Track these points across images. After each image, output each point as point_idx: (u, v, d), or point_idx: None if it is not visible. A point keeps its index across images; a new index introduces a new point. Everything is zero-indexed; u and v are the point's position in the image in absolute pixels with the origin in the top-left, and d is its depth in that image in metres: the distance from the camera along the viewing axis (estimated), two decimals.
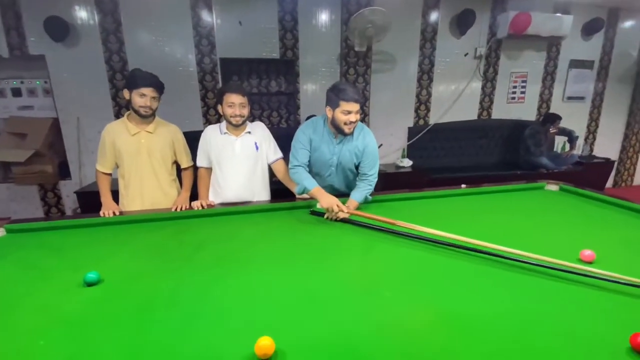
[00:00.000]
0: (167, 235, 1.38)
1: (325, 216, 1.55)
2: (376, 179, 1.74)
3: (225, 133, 1.79)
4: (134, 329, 0.80)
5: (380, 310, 0.85)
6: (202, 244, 1.28)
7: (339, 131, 1.65)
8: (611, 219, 1.51)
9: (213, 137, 1.81)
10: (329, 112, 1.63)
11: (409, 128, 3.91)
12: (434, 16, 3.67)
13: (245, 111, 1.74)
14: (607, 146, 4.98)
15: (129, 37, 3.11)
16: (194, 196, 1.85)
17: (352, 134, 1.65)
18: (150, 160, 1.76)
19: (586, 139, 4.84)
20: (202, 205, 1.69)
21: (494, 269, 1.05)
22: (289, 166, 1.75)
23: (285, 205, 1.73)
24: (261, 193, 1.89)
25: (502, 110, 4.26)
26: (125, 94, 1.67)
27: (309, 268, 1.08)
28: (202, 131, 1.87)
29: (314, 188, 1.64)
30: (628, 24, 4.56)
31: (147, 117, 1.71)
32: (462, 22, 3.73)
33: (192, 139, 1.93)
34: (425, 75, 3.83)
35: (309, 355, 0.70)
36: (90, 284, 0.98)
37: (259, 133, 1.86)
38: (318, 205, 1.61)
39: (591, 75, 4.62)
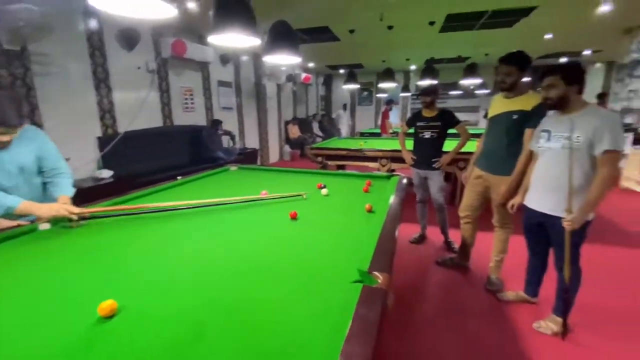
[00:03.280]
0: None
1: (70, 225, 1.47)
2: (69, 169, 1.73)
3: None
4: None
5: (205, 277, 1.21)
6: None
7: None
8: (265, 176, 2.60)
9: None
10: None
11: (99, 138, 3.68)
12: (94, 25, 3.58)
13: None
14: (252, 139, 7.16)
15: None
16: None
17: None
18: None
19: (239, 136, 6.68)
20: None
21: (234, 215, 1.66)
22: None
23: None
24: None
25: (181, 118, 4.97)
26: None
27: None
28: None
29: (21, 203, 1.44)
30: (244, 58, 6.67)
31: None
32: (128, 37, 3.93)
33: None
34: (103, 84, 3.71)
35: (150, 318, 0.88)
36: None
37: None
38: (40, 226, 1.42)
39: (232, 91, 6.38)
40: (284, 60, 2.27)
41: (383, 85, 6.03)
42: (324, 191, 2.05)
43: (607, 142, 1.55)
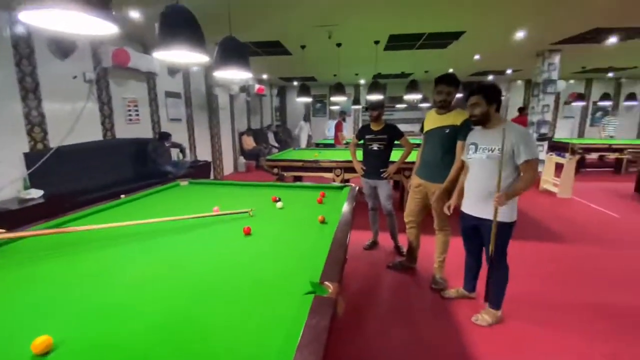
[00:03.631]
0: None
1: None
2: None
3: None
4: None
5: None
6: None
7: None
8: (218, 191, 2.55)
9: None
10: None
11: (26, 154, 3.30)
12: (22, 31, 3.25)
13: None
14: (205, 152, 6.92)
15: None
16: None
17: None
18: None
19: (190, 149, 6.42)
20: None
21: (178, 235, 1.61)
22: None
23: None
24: None
25: (124, 130, 4.66)
26: None
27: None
28: None
29: None
30: (195, 68, 6.48)
31: None
32: (61, 45, 3.63)
33: None
34: (32, 95, 3.37)
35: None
36: None
37: None
38: None
39: (182, 102, 6.14)
40: (234, 75, 2.28)
41: (334, 98, 6.26)
42: (279, 204, 2.08)
43: (525, 154, 1.81)
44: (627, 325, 2.11)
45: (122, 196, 2.31)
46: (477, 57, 6.61)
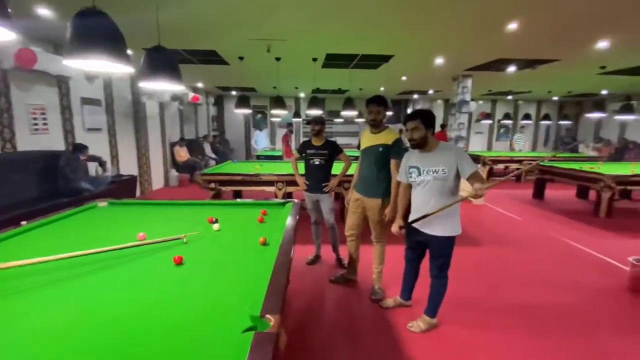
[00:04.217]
0: None
1: None
2: None
3: None
4: None
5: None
6: None
7: None
8: (145, 212, 2.29)
9: None
10: None
11: None
12: None
13: None
14: (130, 165, 6.25)
15: None
16: None
17: None
18: None
19: (112, 162, 5.74)
20: None
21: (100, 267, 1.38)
22: None
23: None
24: None
25: (29, 142, 3.97)
26: None
27: None
28: None
29: None
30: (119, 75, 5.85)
31: None
32: None
33: None
34: None
35: None
36: None
37: None
38: None
39: (102, 110, 5.48)
40: (163, 87, 2.10)
41: (275, 111, 6.22)
42: (216, 226, 1.95)
43: (467, 168, 1.96)
44: (536, 321, 2.43)
45: (23, 223, 1.93)
46: (404, 78, 7.21)
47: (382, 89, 8.91)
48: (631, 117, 6.43)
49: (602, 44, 4.36)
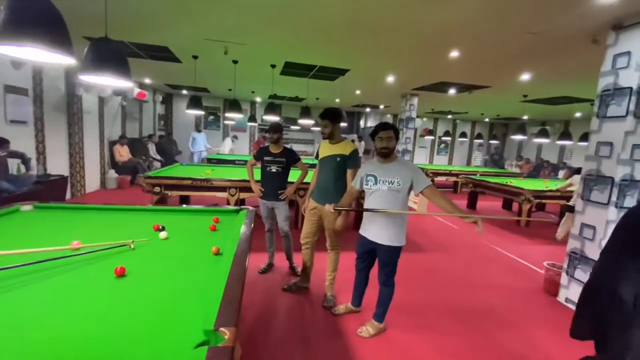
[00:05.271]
0: None
1: None
2: None
3: None
4: None
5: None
6: None
7: None
8: (78, 218, 2.05)
9: None
10: None
11: None
12: None
13: None
14: (59, 164, 5.54)
15: None
16: None
17: None
18: None
19: (38, 159, 5.05)
20: None
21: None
22: None
23: None
24: None
25: None
26: None
27: None
28: None
29: None
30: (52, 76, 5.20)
31: None
32: None
33: None
34: None
35: None
36: None
37: None
38: None
39: (29, 100, 4.82)
40: (107, 82, 1.93)
41: (230, 114, 6.03)
42: (163, 234, 1.81)
43: (422, 183, 2.09)
44: (468, 321, 2.65)
45: None
46: (358, 92, 7.52)
47: (337, 100, 9.16)
48: (546, 140, 7.45)
49: (525, 76, 5.02)
